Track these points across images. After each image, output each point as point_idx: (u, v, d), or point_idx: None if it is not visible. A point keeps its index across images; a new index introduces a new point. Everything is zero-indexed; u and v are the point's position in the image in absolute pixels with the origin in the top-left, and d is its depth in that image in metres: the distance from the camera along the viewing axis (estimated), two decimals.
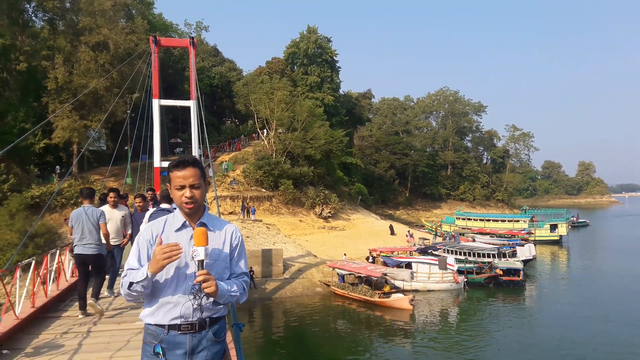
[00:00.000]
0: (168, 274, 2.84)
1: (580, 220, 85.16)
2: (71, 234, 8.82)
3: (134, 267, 2.86)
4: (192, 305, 2.83)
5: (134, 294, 2.79)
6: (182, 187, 2.89)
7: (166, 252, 2.66)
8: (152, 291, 2.84)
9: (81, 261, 8.82)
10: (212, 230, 2.97)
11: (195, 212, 2.96)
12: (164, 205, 8.14)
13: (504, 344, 21.22)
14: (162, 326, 2.84)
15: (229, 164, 51.50)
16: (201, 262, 2.69)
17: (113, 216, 10.25)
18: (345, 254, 35.54)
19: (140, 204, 10.89)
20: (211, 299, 2.85)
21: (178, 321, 2.83)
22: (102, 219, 8.84)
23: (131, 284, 2.75)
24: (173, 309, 2.83)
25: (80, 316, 8.87)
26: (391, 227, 52.62)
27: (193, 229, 2.89)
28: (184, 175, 2.88)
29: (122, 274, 2.88)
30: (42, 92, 40.27)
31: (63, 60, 39.57)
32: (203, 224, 2.94)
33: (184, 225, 2.95)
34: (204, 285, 2.67)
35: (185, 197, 2.87)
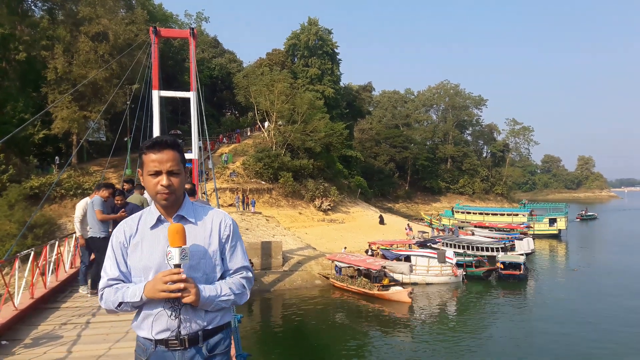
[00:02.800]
0: (147, 279, 2.44)
1: (589, 213, 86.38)
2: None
3: (114, 277, 2.48)
4: (170, 317, 2.39)
5: (120, 311, 2.44)
6: (158, 173, 2.43)
7: (166, 281, 2.27)
8: None
9: (87, 245, 10.00)
10: (194, 222, 2.52)
11: (173, 204, 2.50)
12: None
13: (502, 337, 21.29)
14: (150, 340, 2.44)
15: (229, 156, 51.43)
16: (178, 266, 2.29)
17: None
18: (345, 247, 35.57)
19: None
20: (195, 309, 2.41)
21: (164, 335, 2.41)
22: (96, 206, 9.60)
23: (120, 303, 2.40)
24: (156, 321, 2.41)
25: (85, 292, 9.91)
26: (381, 217, 53.34)
27: (171, 223, 2.46)
28: (160, 159, 2.42)
29: (101, 284, 2.49)
30: (42, 82, 40.11)
31: (62, 50, 39.39)
32: (181, 218, 2.50)
33: (159, 221, 2.51)
34: (181, 294, 2.29)
35: (161, 185, 2.42)
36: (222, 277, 2.58)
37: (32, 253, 9.74)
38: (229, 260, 2.59)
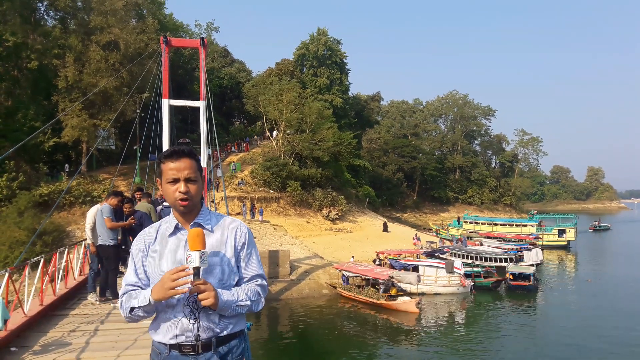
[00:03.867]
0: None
1: (602, 224, 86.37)
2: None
3: (132, 282, 2.58)
4: (189, 321, 2.44)
5: (136, 317, 2.51)
6: (176, 181, 2.52)
7: (174, 279, 2.30)
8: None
9: (97, 252, 9.98)
10: (211, 230, 2.58)
11: (190, 211, 2.58)
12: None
13: (510, 348, 21.08)
14: (165, 344, 2.49)
15: (237, 165, 51.60)
16: (197, 269, 2.31)
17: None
18: (353, 257, 35.48)
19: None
20: (212, 313, 2.46)
21: (178, 340, 2.46)
22: (105, 214, 9.58)
23: (132, 308, 2.47)
24: (172, 325, 2.46)
25: (94, 299, 9.88)
26: (385, 225, 53.47)
27: (188, 231, 2.50)
28: (177, 167, 2.52)
29: (121, 290, 2.60)
30: (53, 90, 40.51)
31: (74, 59, 39.78)
32: (198, 225, 2.57)
33: (177, 229, 2.58)
34: (200, 297, 2.32)
35: (180, 192, 2.50)
36: (238, 284, 2.62)
37: (42, 260, 9.80)
38: (244, 268, 2.65)
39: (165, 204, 8.25)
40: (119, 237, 9.88)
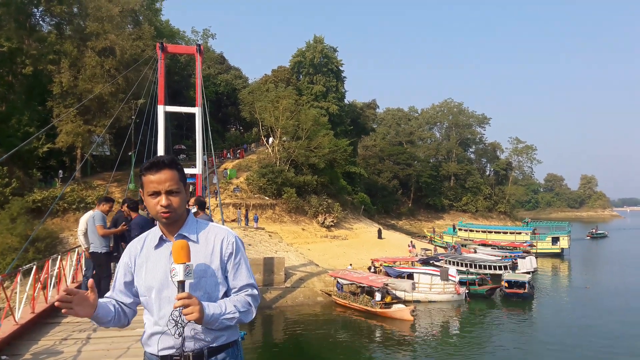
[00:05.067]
0: (150, 298, 2.46)
1: (600, 231, 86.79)
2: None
3: (108, 295, 2.61)
4: (174, 335, 2.36)
5: (101, 325, 2.53)
6: (157, 194, 2.42)
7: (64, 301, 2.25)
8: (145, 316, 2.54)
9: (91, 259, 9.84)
10: (196, 241, 2.49)
11: (174, 222, 2.50)
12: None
13: (504, 355, 21.04)
14: (156, 356, 2.45)
15: (232, 172, 51.52)
16: (181, 283, 2.24)
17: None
18: (351, 264, 35.43)
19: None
20: (198, 327, 2.37)
21: (168, 352, 2.41)
22: (97, 221, 9.43)
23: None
24: (162, 338, 2.42)
25: None
26: (379, 231, 53.71)
27: (172, 243, 2.43)
28: (158, 180, 2.41)
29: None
30: (47, 96, 40.39)
31: (69, 64, 39.69)
32: (182, 236, 2.48)
33: (161, 240, 2.52)
34: (184, 311, 2.21)
35: (161, 205, 2.40)
36: (227, 295, 2.53)
37: (34, 267, 9.72)
38: (232, 278, 2.54)
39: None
40: (111, 244, 9.79)
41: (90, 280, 2.45)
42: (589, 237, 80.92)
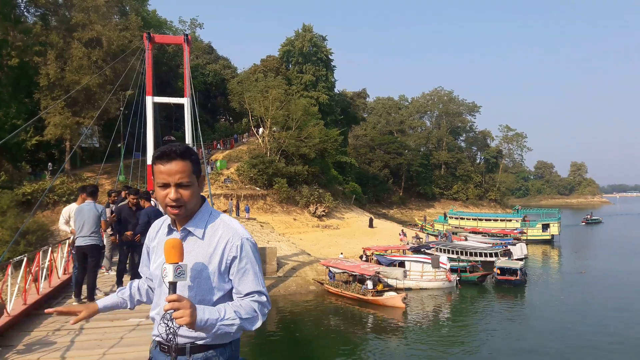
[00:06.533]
0: (154, 284, 2.45)
1: (594, 217, 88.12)
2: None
3: (143, 273, 2.65)
4: (164, 339, 2.23)
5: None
6: (166, 186, 2.24)
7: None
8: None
9: (80, 253, 9.25)
10: (201, 237, 2.32)
11: (183, 218, 2.34)
12: None
13: (496, 341, 21.28)
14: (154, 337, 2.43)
15: (223, 162, 51.37)
16: (172, 284, 2.08)
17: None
18: (342, 253, 35.57)
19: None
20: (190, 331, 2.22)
21: (159, 338, 2.33)
22: (103, 215, 9.26)
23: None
24: (156, 324, 2.37)
25: (75, 303, 9.14)
26: (371, 220, 54.08)
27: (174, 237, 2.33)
28: (168, 170, 2.23)
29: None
30: (34, 88, 40.01)
31: (55, 56, 39.30)
32: (186, 231, 2.34)
33: (170, 229, 2.41)
34: (175, 315, 2.02)
35: (169, 198, 2.23)
36: (227, 300, 2.37)
37: (25, 259, 9.67)
38: (237, 284, 2.33)
39: None
40: (103, 237, 9.87)
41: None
42: (584, 223, 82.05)
